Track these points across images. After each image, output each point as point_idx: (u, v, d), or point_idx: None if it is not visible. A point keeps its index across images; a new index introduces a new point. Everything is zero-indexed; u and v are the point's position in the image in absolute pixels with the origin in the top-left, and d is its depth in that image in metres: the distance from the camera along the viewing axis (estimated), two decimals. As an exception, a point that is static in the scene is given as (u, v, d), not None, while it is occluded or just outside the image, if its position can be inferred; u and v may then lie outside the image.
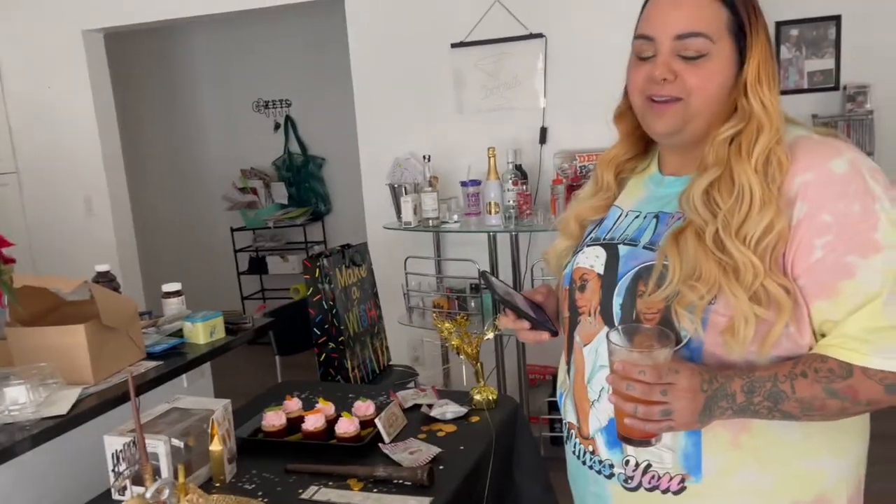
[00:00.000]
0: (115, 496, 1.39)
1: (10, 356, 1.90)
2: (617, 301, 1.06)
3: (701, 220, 0.99)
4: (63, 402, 1.77)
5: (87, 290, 1.96)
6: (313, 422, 1.84)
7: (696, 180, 1.03)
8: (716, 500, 1.03)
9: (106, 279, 2.43)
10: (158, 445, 1.55)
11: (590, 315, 1.11)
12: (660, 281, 1.00)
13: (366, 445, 1.75)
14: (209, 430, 1.66)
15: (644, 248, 1.07)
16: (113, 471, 1.47)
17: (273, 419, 1.89)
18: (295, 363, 3.23)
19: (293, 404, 1.97)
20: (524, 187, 3.26)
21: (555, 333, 1.18)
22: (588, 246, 1.16)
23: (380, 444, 1.76)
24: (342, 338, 2.85)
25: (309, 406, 1.97)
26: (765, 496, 1.02)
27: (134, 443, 1.49)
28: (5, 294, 1.49)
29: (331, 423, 1.85)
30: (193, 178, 5.95)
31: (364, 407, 1.91)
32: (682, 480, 1.03)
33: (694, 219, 1.00)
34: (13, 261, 1.88)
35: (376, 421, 1.80)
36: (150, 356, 2.15)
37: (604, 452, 1.09)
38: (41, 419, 1.71)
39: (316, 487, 1.60)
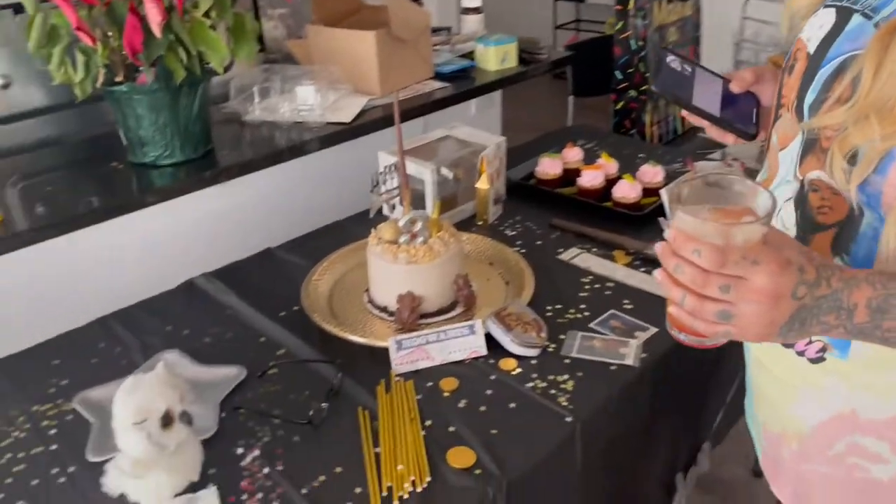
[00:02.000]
0: (371, 215, 1.38)
1: (310, 56, 1.92)
2: (810, 97, 0.74)
3: None
4: (348, 109, 1.77)
5: (382, -7, 1.86)
6: (591, 178, 1.63)
7: None
8: (856, 384, 0.75)
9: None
10: (425, 173, 1.48)
11: (788, 110, 0.79)
12: (854, 88, 0.66)
13: (644, 217, 1.52)
14: (478, 167, 1.55)
15: (877, 24, 0.69)
16: (372, 190, 1.44)
17: (549, 166, 1.72)
18: (590, 106, 2.96)
19: (573, 154, 1.76)
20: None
21: (751, 137, 0.87)
22: (824, 6, 0.78)
23: (660, 220, 1.50)
24: (646, 87, 2.48)
25: (590, 159, 1.75)
26: None
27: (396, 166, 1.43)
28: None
29: (610, 182, 1.62)
30: None
31: (652, 173, 1.64)
32: (823, 350, 0.77)
33: None
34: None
35: (662, 192, 1.53)
36: (439, 76, 2.05)
37: None
38: (326, 123, 1.73)
39: (578, 251, 1.44)
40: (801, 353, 0.78)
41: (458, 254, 1.26)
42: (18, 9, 1.69)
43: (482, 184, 1.55)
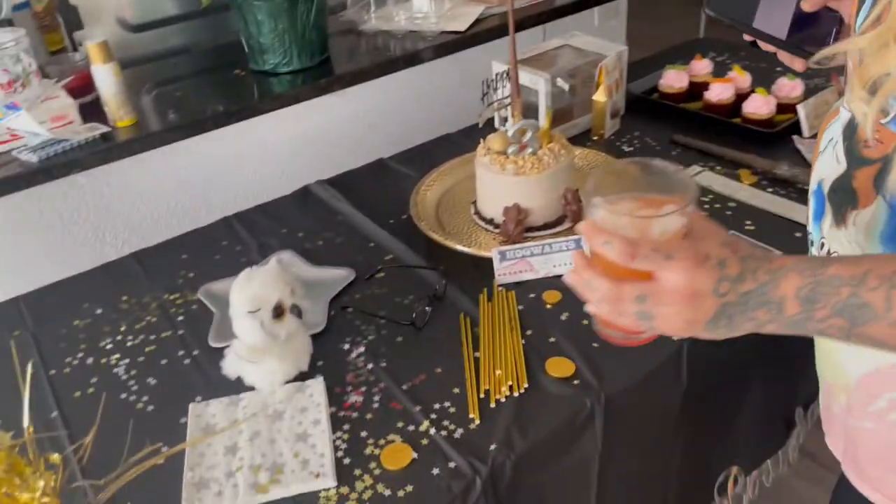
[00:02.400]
0: (481, 125, 1.35)
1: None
2: (861, 16, 0.62)
3: None
4: (464, 17, 1.72)
5: None
6: (719, 92, 1.52)
7: None
8: None
9: None
10: (539, 82, 1.43)
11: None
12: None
13: (775, 134, 1.40)
14: (596, 78, 1.47)
15: None
16: (483, 98, 1.41)
17: (673, 79, 1.61)
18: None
19: (702, 66, 1.64)
20: None
21: None
22: None
23: (793, 137, 1.39)
24: None
25: (720, 73, 1.63)
26: None
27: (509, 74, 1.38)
28: None
29: (740, 97, 1.51)
30: None
31: (790, 87, 1.50)
32: None
33: None
34: None
35: (799, 107, 1.40)
36: (560, -17, 1.95)
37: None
38: (441, 32, 1.70)
39: (700, 168, 1.36)
40: None
41: (569, 167, 1.22)
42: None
43: (599, 96, 1.48)
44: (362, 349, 1.01)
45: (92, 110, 1.45)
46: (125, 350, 1.06)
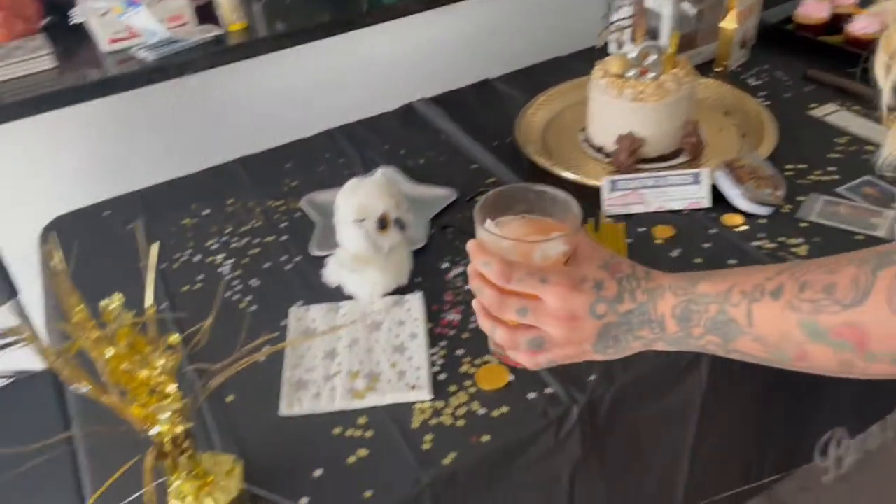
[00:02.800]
0: (599, 45, 1.27)
1: None
2: None
3: None
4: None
5: None
6: (865, 24, 1.37)
7: None
8: None
9: None
10: (664, 4, 1.33)
11: None
12: None
13: (929, 75, 1.26)
14: (726, 3, 1.36)
15: None
16: (603, 16, 1.33)
17: (813, 9, 1.47)
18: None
19: (847, -4, 1.49)
20: None
21: None
22: None
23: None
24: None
25: (867, 1, 1.47)
26: None
27: (637, -6, 1.29)
28: None
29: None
30: None
31: (950, 22, 1.34)
32: None
33: None
34: None
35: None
36: None
37: None
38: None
39: (835, 107, 1.25)
40: None
41: (691, 96, 1.14)
42: None
43: (728, 22, 1.37)
44: (461, 269, 0.99)
45: (205, 13, 1.46)
46: (230, 251, 1.08)
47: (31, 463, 0.58)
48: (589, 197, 1.08)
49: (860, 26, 1.38)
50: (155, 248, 0.56)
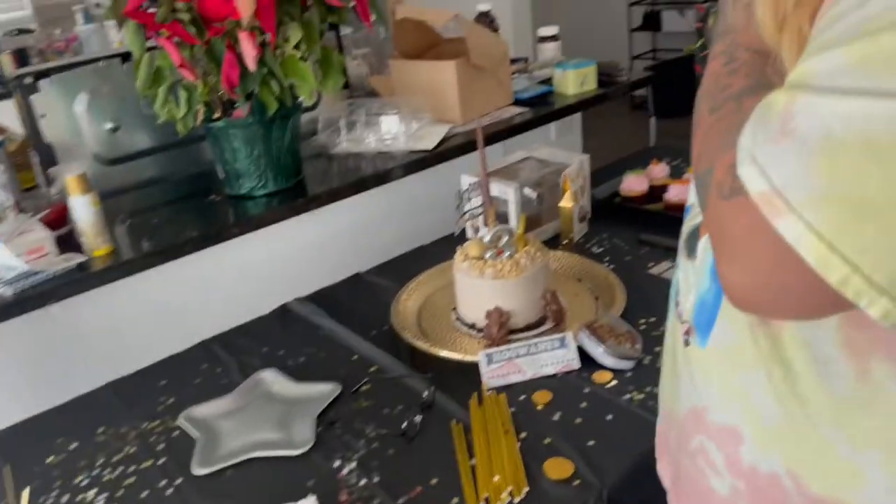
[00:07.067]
0: (457, 233, 1.39)
1: (392, 90, 1.98)
2: None
3: None
4: (431, 137, 1.80)
5: (461, 26, 1.90)
6: (678, 192, 1.59)
7: None
8: (707, 379, 0.64)
9: (486, 19, 2.36)
10: (508, 192, 1.49)
11: None
12: None
13: (737, 229, 1.46)
14: (561, 185, 1.54)
15: None
16: (457, 208, 1.46)
17: (634, 183, 1.69)
18: (672, 129, 2.91)
19: (659, 170, 1.73)
20: None
21: None
22: None
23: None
24: (732, 103, 2.42)
25: (677, 174, 1.72)
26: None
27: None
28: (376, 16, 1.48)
29: (699, 196, 1.58)
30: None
31: (743, 184, 1.59)
32: (688, 332, 0.67)
33: None
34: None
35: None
36: (518, 102, 2.07)
37: None
38: (410, 152, 1.77)
39: (670, 264, 1.41)
40: (685, 334, 0.68)
41: (546, 268, 1.25)
42: (126, 58, 1.82)
43: (566, 202, 1.54)
44: (354, 465, 0.98)
45: (67, 242, 1.45)
46: (102, 484, 1.01)
47: None
48: (470, 373, 1.13)
49: (674, 193, 1.60)
50: (26, 494, 0.53)
